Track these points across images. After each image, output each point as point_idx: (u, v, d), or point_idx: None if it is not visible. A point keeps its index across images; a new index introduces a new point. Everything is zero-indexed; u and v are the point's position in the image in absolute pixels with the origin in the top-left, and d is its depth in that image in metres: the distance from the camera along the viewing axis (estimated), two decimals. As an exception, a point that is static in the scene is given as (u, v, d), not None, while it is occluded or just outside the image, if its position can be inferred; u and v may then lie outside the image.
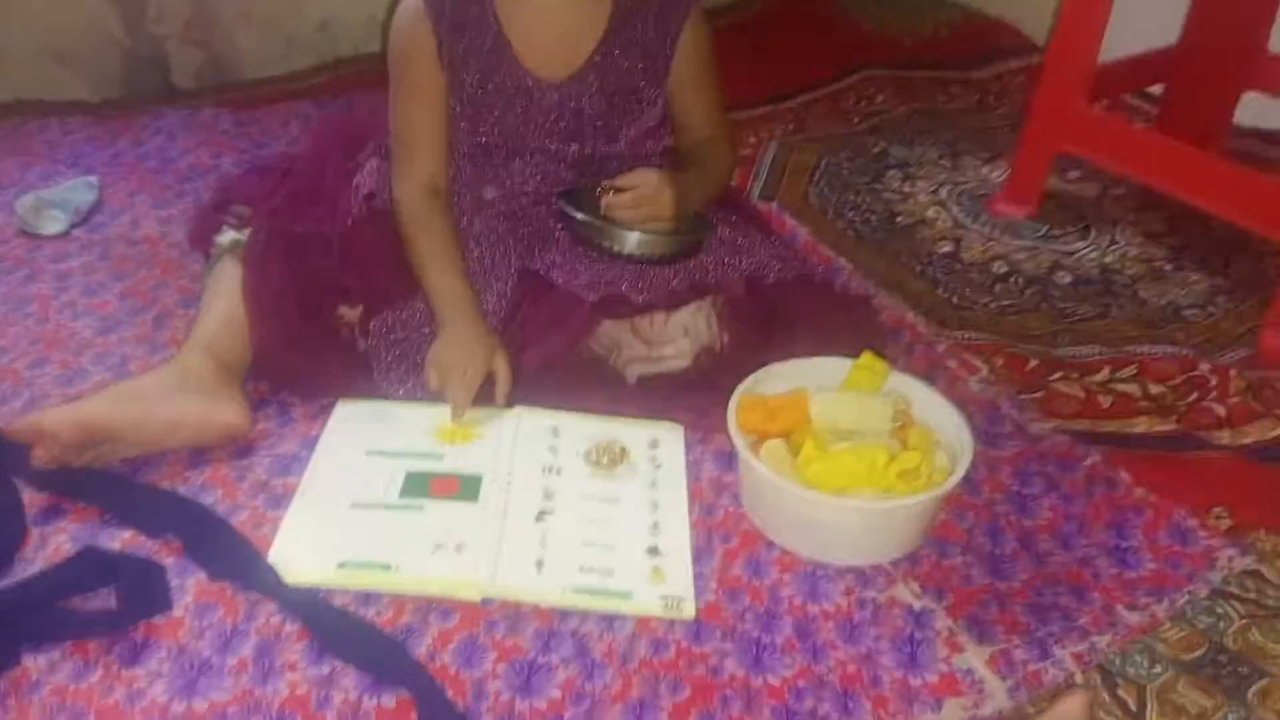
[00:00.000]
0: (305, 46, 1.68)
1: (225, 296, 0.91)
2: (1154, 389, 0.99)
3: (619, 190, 0.92)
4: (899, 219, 1.29)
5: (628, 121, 0.98)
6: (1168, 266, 1.19)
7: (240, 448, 0.85)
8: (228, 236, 0.95)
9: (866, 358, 0.85)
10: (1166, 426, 0.95)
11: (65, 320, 1.01)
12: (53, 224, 1.16)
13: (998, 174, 1.37)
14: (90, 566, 0.70)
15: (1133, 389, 0.99)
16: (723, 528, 0.80)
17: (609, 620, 0.72)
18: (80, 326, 1.00)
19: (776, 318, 0.93)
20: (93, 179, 1.25)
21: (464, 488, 0.80)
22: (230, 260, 0.93)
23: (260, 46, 1.64)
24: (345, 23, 1.69)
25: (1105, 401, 0.98)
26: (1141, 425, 0.95)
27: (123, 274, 1.08)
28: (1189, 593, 0.77)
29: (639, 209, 0.92)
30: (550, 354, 0.88)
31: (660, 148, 1.02)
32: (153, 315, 1.02)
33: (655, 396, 0.91)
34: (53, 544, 0.75)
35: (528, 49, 0.94)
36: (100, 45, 1.54)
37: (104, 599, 0.70)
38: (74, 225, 1.17)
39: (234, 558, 0.73)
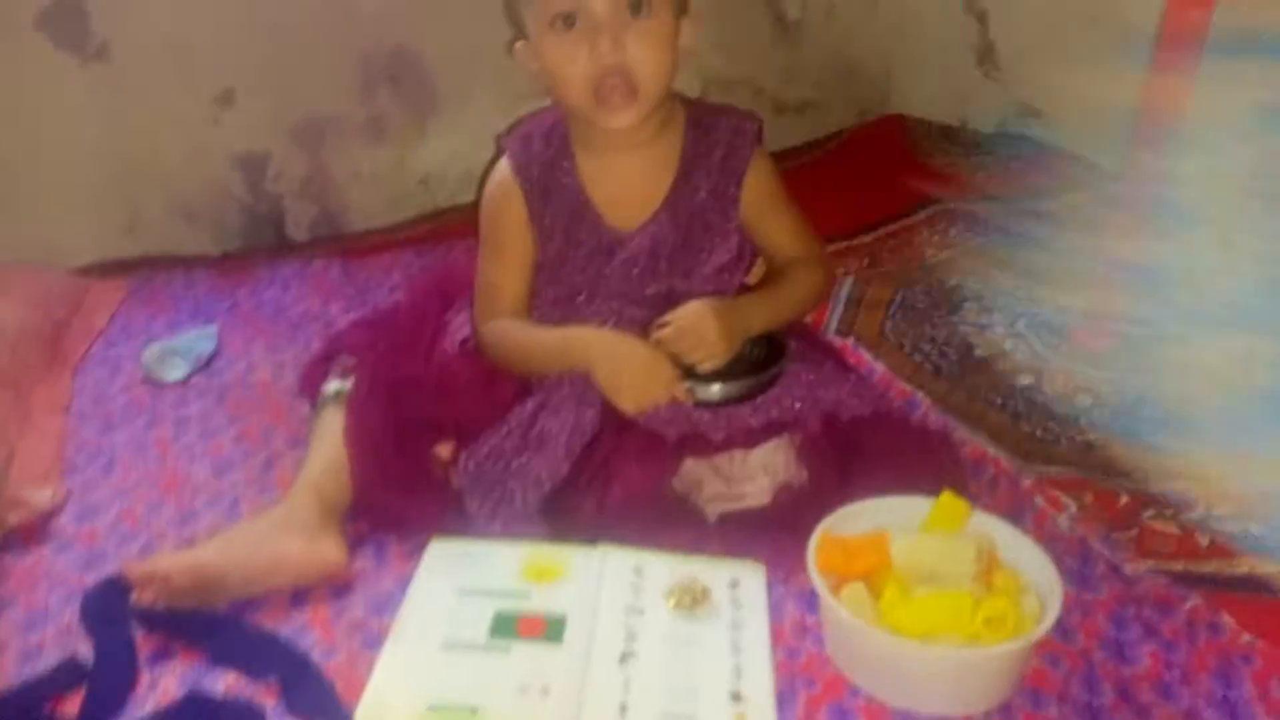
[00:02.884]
0: (407, 199, 1.81)
1: (328, 441, 0.97)
2: (1254, 528, 0.96)
3: (665, 325, 0.96)
4: (976, 351, 1.30)
5: (700, 259, 1.04)
6: (1262, 396, 1.17)
7: (338, 587, 0.88)
8: (333, 386, 1.02)
9: (946, 497, 0.85)
10: (1271, 567, 0.91)
11: (182, 464, 1.08)
12: (174, 371, 1.25)
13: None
14: (194, 712, 0.73)
15: (1232, 527, 0.96)
16: (806, 672, 0.80)
17: (692, 769, 0.72)
18: (196, 470, 1.07)
19: (855, 454, 0.95)
20: (212, 328, 1.35)
21: (550, 629, 0.82)
22: (334, 408, 1.00)
23: (368, 201, 1.78)
24: (443, 177, 1.83)
25: (1203, 540, 0.95)
26: (1244, 566, 0.92)
27: (237, 418, 1.16)
28: (1305, 749, 0.73)
29: (682, 340, 0.95)
30: (634, 491, 0.91)
31: (735, 283, 1.07)
32: (263, 458, 1.08)
33: (736, 535, 0.92)
34: (162, 685, 0.78)
35: (607, 204, 1.02)
36: (224, 203, 1.69)
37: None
38: (194, 372, 1.26)
39: (323, 706, 0.75)
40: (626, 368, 0.92)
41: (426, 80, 1.77)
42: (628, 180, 1.02)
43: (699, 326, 0.96)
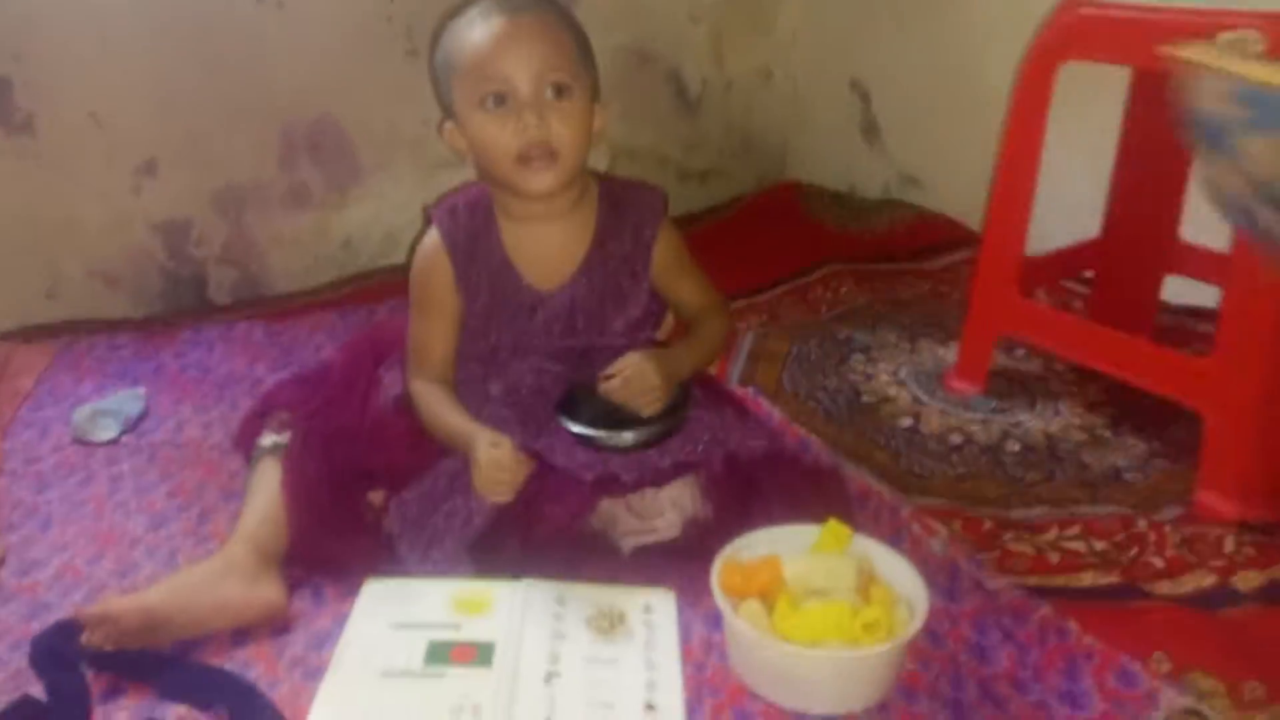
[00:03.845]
0: (329, 262, 1.88)
1: (264, 492, 1.03)
2: (1098, 545, 1.10)
3: (610, 378, 1.06)
4: (864, 398, 1.43)
5: (614, 317, 1.14)
6: (1107, 433, 1.32)
7: (278, 627, 0.94)
8: (269, 440, 1.08)
9: (831, 524, 0.96)
10: (1110, 579, 1.05)
11: (119, 519, 1.12)
12: (105, 431, 1.29)
13: (951, 355, 1.52)
14: (149, 739, 0.79)
15: (1078, 546, 1.10)
16: (712, 683, 0.89)
17: (611, 771, 0.80)
18: (132, 524, 1.11)
19: (754, 490, 1.05)
20: (140, 390, 1.39)
21: (479, 655, 0.89)
22: (269, 460, 1.06)
23: (289, 263, 1.84)
24: (365, 240, 1.90)
25: (1054, 558, 1.08)
26: (1087, 579, 1.05)
27: (169, 474, 1.20)
28: (1134, 730, 0.85)
29: (630, 387, 1.06)
30: (555, 528, 1.00)
31: (645, 337, 1.17)
32: (197, 511, 1.13)
33: (649, 566, 1.01)
34: None
35: (528, 267, 1.12)
36: (145, 268, 1.73)
37: (161, 768, 0.78)
38: (124, 432, 1.30)
39: (273, 728, 0.82)
40: (488, 465, 0.99)
41: (347, 148, 1.86)
42: (547, 246, 1.12)
43: (642, 375, 1.06)
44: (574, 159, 1.07)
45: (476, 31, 1.04)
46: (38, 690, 0.85)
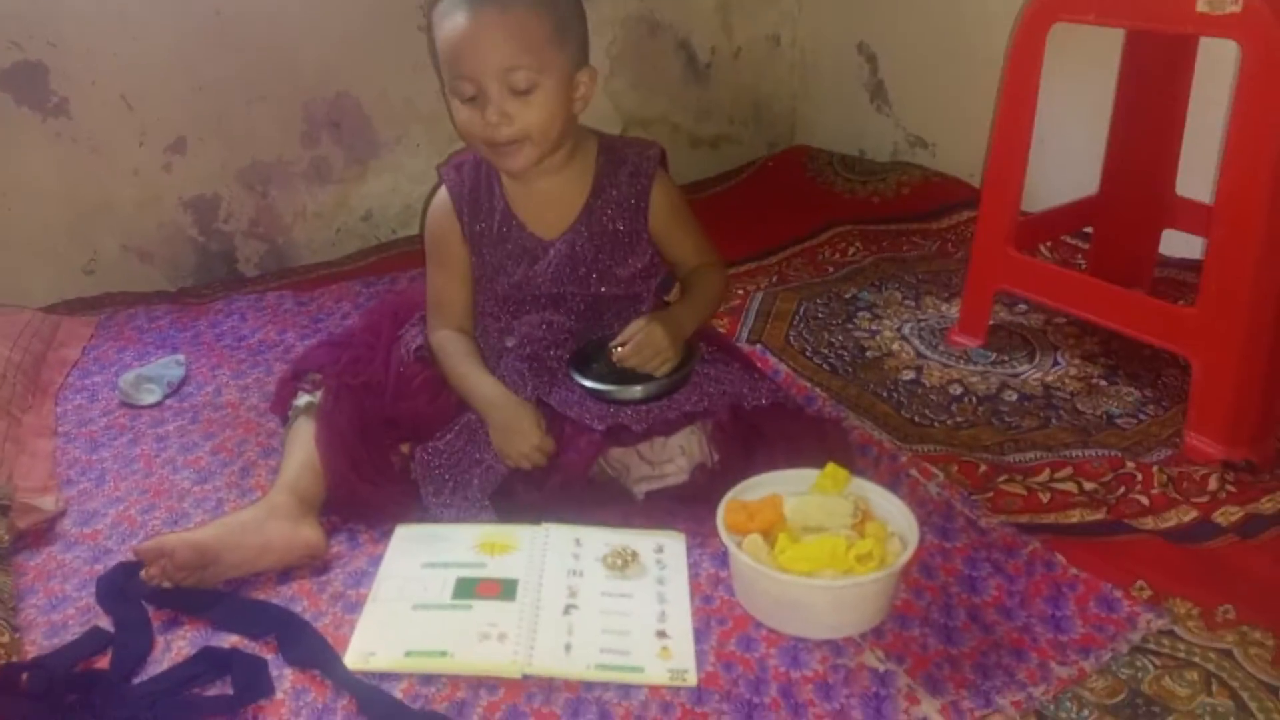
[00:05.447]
0: (351, 234, 1.95)
1: (302, 446, 1.10)
2: (1087, 485, 1.15)
3: (622, 345, 1.12)
4: (868, 353, 1.49)
5: (616, 265, 1.19)
6: (1103, 382, 1.37)
7: (319, 567, 1.02)
8: (303, 399, 1.16)
9: (830, 467, 1.03)
10: (1097, 516, 1.11)
11: (167, 474, 1.20)
12: (149, 395, 1.37)
13: (954, 310, 1.58)
14: (208, 663, 0.87)
15: (1069, 487, 1.16)
16: (718, 613, 0.96)
17: (625, 690, 0.87)
18: (180, 479, 1.19)
19: (758, 438, 1.12)
20: (180, 357, 1.47)
21: (504, 590, 0.97)
22: (304, 418, 1.14)
23: (314, 237, 1.92)
24: (385, 212, 1.97)
25: (1044, 498, 1.14)
26: (1076, 516, 1.11)
27: (211, 434, 1.29)
28: (1112, 650, 0.92)
29: (642, 352, 1.12)
30: (569, 476, 1.07)
31: (650, 287, 1.23)
32: (239, 466, 1.21)
33: (660, 509, 1.08)
34: (175, 648, 0.91)
35: (530, 217, 1.18)
36: (178, 243, 1.81)
37: (220, 688, 0.86)
38: (167, 396, 1.38)
39: (317, 654, 0.89)
40: (504, 432, 1.08)
41: (366, 124, 1.92)
42: (547, 197, 1.18)
43: (650, 338, 1.11)
44: (546, 138, 1.10)
45: (446, 26, 1.07)
46: (105, 624, 0.94)
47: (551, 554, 1.02)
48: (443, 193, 1.20)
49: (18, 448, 1.20)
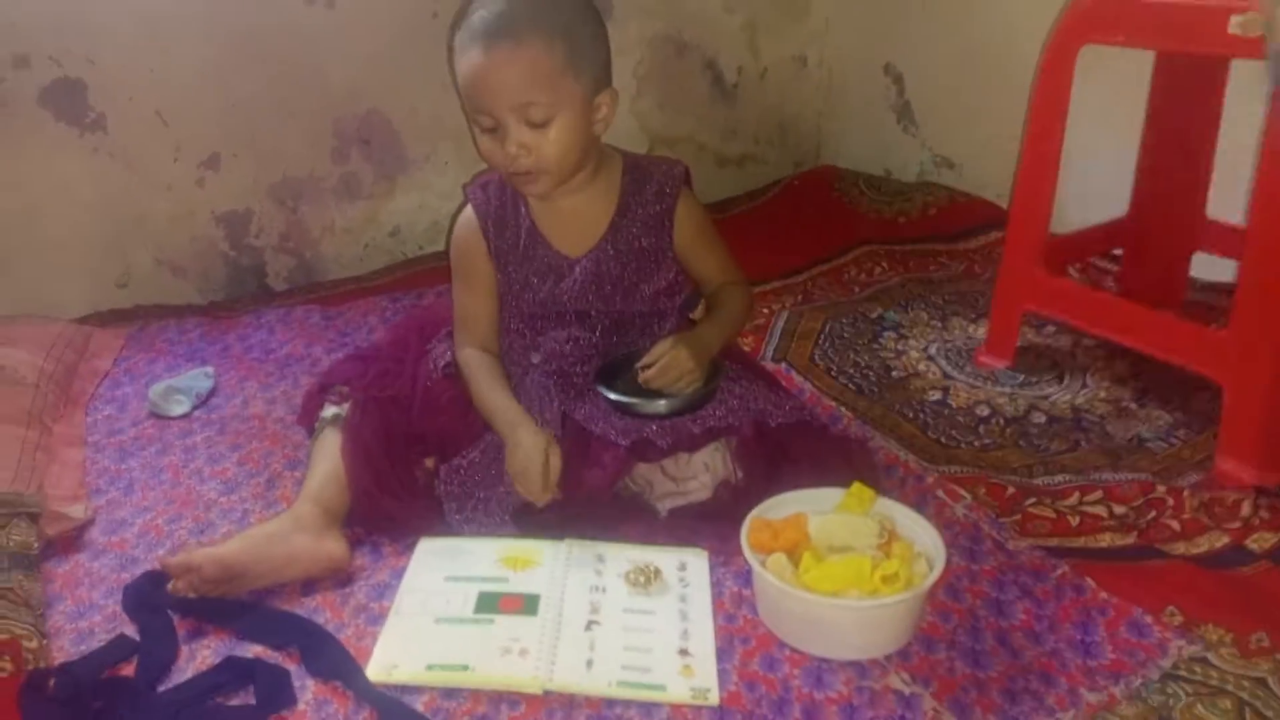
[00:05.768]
0: (379, 250, 1.97)
1: (328, 458, 1.11)
2: (1118, 510, 1.14)
3: (647, 367, 1.12)
4: (894, 373, 1.48)
5: (641, 282, 1.20)
6: (1133, 405, 1.36)
7: (342, 579, 1.03)
8: (330, 411, 1.16)
9: (856, 487, 1.02)
10: (1128, 541, 1.09)
11: (194, 484, 1.21)
12: (178, 406, 1.39)
13: (982, 332, 1.56)
14: (232, 672, 0.87)
15: (1099, 510, 1.14)
16: (742, 632, 0.96)
17: (647, 708, 0.87)
18: (206, 489, 1.20)
19: (782, 456, 1.11)
20: (209, 369, 1.49)
21: (526, 605, 0.97)
22: (330, 431, 1.14)
23: (342, 252, 1.93)
24: (412, 228, 1.99)
25: (1074, 521, 1.12)
26: (1106, 540, 1.09)
27: (238, 445, 1.30)
28: (1143, 676, 0.90)
29: (667, 374, 1.12)
30: (593, 491, 1.07)
31: (675, 304, 1.23)
32: (265, 478, 1.22)
33: (683, 526, 1.08)
34: (200, 657, 0.92)
35: (555, 234, 1.19)
36: (209, 257, 1.83)
37: (243, 698, 0.87)
38: (195, 407, 1.40)
39: (340, 665, 0.90)
40: (514, 473, 1.07)
41: (395, 141, 1.94)
42: (572, 215, 1.19)
43: (676, 360, 1.11)
44: (563, 167, 1.11)
45: (463, 60, 1.08)
46: (131, 631, 0.95)
47: (574, 570, 1.02)
48: (469, 211, 1.21)
49: (48, 456, 1.22)
